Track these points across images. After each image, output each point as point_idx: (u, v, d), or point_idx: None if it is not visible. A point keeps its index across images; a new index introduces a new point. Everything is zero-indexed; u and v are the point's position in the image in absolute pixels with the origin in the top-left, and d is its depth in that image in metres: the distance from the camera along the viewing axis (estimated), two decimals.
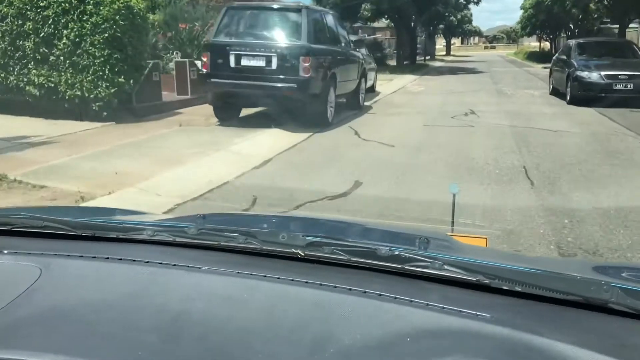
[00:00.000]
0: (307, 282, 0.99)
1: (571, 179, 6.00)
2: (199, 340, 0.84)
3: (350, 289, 0.96)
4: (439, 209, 4.25)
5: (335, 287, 0.98)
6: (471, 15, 65.53)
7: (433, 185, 5.67)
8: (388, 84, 18.82)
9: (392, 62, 33.08)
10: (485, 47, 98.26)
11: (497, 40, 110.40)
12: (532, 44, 77.40)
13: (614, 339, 0.87)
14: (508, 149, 7.59)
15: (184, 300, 0.96)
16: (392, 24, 36.11)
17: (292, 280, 1.00)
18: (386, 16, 34.53)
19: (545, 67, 28.03)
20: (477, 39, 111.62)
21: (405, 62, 33.54)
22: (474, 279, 1.00)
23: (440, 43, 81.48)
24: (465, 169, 6.46)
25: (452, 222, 1.90)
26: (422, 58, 42.23)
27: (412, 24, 34.93)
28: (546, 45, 57.14)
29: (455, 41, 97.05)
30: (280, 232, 1.17)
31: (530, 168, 6.46)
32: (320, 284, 0.99)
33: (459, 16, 64.02)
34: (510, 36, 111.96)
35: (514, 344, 0.82)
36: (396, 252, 1.06)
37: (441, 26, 66.03)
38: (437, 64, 40.91)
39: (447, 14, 52.46)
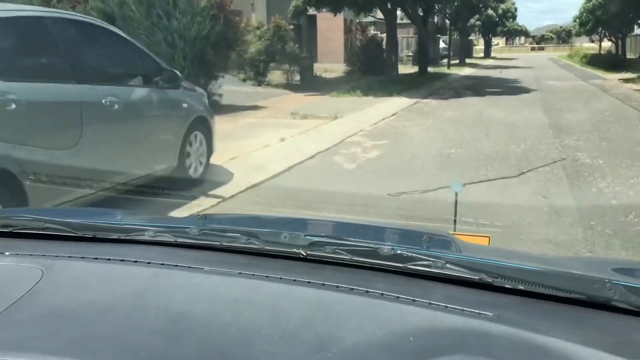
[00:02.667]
0: (309, 282, 0.99)
1: None
2: (201, 341, 0.85)
3: (352, 289, 0.97)
4: None
5: (337, 286, 0.98)
6: (515, 10, 53.91)
7: None
8: (304, 137, 8.99)
9: (405, 70, 22.82)
10: (533, 49, 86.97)
11: (545, 41, 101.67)
12: (584, 44, 67.45)
13: (617, 337, 0.88)
14: None
15: (186, 301, 0.96)
16: (411, 20, 25.53)
17: (295, 280, 1.00)
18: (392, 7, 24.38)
19: (626, 80, 20.86)
20: (523, 39, 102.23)
21: (411, 72, 22.99)
22: (477, 278, 1.00)
23: (480, 43, 70.80)
24: None
25: (455, 220, 1.89)
26: (447, 62, 31.29)
27: (423, 16, 24.02)
28: (606, 46, 46.40)
29: (499, 41, 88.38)
30: (282, 232, 1.17)
31: None
32: (323, 284, 0.99)
33: (499, 10, 52.34)
34: (560, 36, 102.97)
35: (517, 342, 0.82)
36: (398, 251, 1.06)
37: (478, 23, 54.40)
38: (465, 71, 29.89)
39: (481, 5, 41.11)
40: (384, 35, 23.82)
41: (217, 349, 0.83)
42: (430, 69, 25.78)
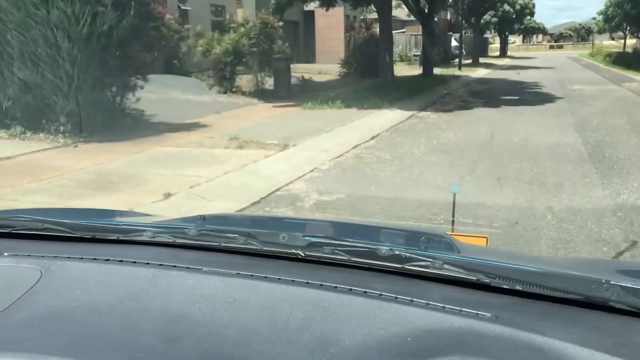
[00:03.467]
0: (307, 283, 0.99)
1: None
2: (200, 342, 0.85)
3: (350, 289, 0.96)
4: None
5: (335, 287, 0.98)
6: (533, 6, 50.39)
7: None
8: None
9: (409, 71, 19.81)
10: (551, 47, 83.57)
11: (563, 39, 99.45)
12: (604, 42, 64.13)
13: (614, 337, 0.88)
14: None
15: (185, 302, 0.96)
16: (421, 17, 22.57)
17: (293, 280, 1.00)
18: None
19: None
20: (540, 37, 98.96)
21: (414, 75, 19.97)
22: (475, 278, 1.00)
23: (496, 41, 67.50)
24: None
25: (453, 221, 1.83)
26: (458, 62, 28.08)
27: (428, 11, 20.96)
28: (630, 43, 43.23)
29: (516, 39, 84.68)
30: (281, 232, 1.17)
31: None
32: (321, 285, 0.99)
33: (517, 6, 48.89)
34: (579, 34, 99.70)
35: (515, 342, 0.82)
36: (396, 252, 1.06)
37: (494, 19, 51.05)
38: (478, 73, 26.67)
39: (496, 0, 37.82)
40: (392, 32, 20.71)
41: (216, 350, 0.84)
42: (438, 71, 22.75)
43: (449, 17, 48.52)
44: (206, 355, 0.82)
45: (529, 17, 52.55)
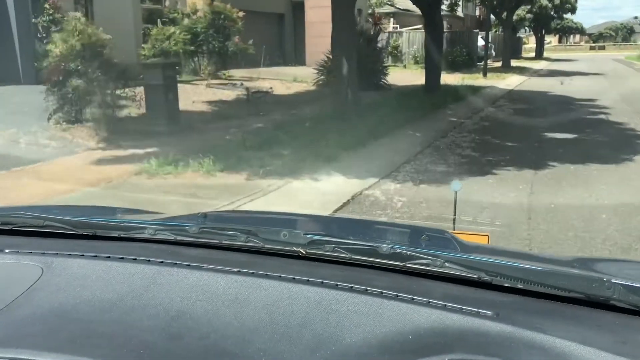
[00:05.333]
0: (308, 281, 1.00)
1: None
2: (201, 339, 0.85)
3: (351, 287, 0.97)
4: None
5: (336, 285, 0.98)
6: (575, 1, 43.57)
7: None
8: None
9: (411, 79, 14.73)
10: (591, 48, 75.85)
11: (603, 39, 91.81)
12: None
13: (616, 336, 0.88)
14: None
15: (185, 299, 0.96)
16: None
17: (294, 278, 1.01)
18: None
19: None
20: (577, 37, 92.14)
21: (414, 85, 14.52)
22: (476, 277, 1.00)
23: (530, 41, 61.40)
24: None
25: (454, 219, 1.85)
26: (484, 66, 21.96)
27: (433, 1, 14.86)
28: None
29: (551, 39, 77.43)
30: (282, 230, 1.17)
31: None
32: (322, 282, 0.99)
33: (556, 0, 42.37)
34: (621, 34, 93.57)
35: (516, 341, 0.82)
36: (397, 250, 1.06)
37: (528, 15, 44.62)
38: (508, 81, 20.39)
39: None
40: (405, 30, 14.69)
41: (217, 347, 0.84)
42: (454, 78, 17.01)
43: (477, 13, 41.94)
44: (207, 353, 0.82)
45: (569, 14, 45.75)
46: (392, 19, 32.25)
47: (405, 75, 16.89)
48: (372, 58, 15.29)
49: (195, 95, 12.59)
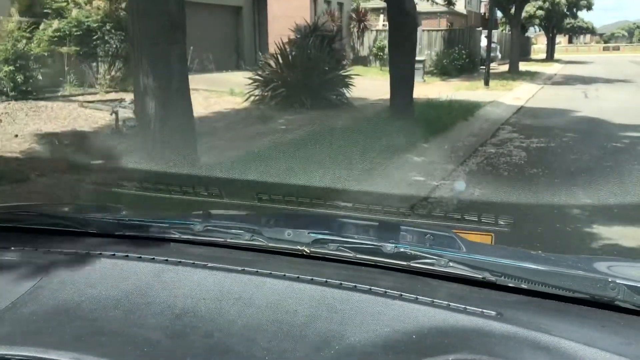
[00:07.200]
0: (312, 280, 1.00)
1: None
2: (205, 337, 0.85)
3: (355, 286, 0.97)
4: None
5: (340, 284, 0.98)
6: None
7: None
8: None
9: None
10: (605, 49, 71.33)
11: (615, 39, 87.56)
12: None
13: (620, 337, 0.88)
14: None
15: (190, 297, 0.96)
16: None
17: (298, 277, 1.01)
18: None
19: None
20: (588, 37, 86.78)
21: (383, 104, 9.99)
22: (480, 277, 1.00)
23: (540, 41, 56.97)
24: None
25: (458, 219, 1.84)
26: (486, 72, 17.32)
27: None
28: None
29: (561, 40, 72.83)
30: (286, 229, 1.17)
31: None
32: (326, 281, 0.99)
33: None
34: (634, 33, 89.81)
35: (520, 341, 0.82)
36: (402, 250, 1.07)
37: (539, 12, 40.10)
38: (515, 93, 15.40)
39: None
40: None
41: (221, 345, 0.84)
42: (448, 87, 13.11)
43: (482, 10, 37.08)
44: (211, 351, 0.82)
45: (585, 10, 41.14)
46: (381, 16, 27.59)
47: (381, 83, 12.60)
48: (326, 64, 10.87)
49: (40, 122, 8.30)
